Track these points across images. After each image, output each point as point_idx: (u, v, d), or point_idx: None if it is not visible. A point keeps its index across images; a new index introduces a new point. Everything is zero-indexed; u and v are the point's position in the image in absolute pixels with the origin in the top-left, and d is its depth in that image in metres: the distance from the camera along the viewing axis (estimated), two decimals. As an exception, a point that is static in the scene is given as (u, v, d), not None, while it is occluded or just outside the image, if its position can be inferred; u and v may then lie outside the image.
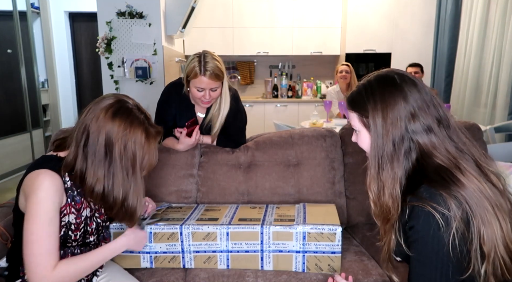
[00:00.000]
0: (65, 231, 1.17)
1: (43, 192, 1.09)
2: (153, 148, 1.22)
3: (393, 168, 0.93)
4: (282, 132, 1.98)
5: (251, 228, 1.40)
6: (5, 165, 4.26)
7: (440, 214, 0.82)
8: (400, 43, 5.01)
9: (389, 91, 0.95)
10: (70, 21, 5.84)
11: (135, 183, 1.17)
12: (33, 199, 1.08)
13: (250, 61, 5.54)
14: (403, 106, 0.92)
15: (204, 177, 1.86)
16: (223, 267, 1.44)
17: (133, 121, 1.16)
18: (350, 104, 1.03)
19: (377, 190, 0.96)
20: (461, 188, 0.84)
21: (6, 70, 4.59)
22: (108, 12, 3.61)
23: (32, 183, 1.10)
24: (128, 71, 3.69)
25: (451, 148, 0.91)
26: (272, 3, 5.12)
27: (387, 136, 0.93)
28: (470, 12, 4.12)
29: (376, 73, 1.01)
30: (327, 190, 1.83)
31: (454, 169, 0.88)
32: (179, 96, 1.88)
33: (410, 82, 0.95)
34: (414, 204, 0.87)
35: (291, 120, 4.94)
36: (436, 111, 0.93)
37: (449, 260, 0.83)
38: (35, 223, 1.07)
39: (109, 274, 1.33)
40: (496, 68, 3.75)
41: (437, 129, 0.92)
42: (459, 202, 0.83)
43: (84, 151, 1.13)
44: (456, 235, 0.81)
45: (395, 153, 0.93)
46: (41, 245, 1.07)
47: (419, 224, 0.86)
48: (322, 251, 1.39)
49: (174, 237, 1.41)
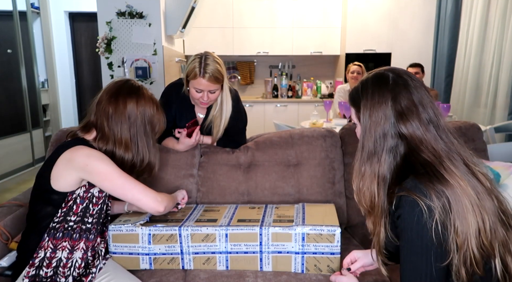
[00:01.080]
0: (87, 203, 1.29)
1: (98, 154, 1.27)
2: (162, 115, 1.46)
3: (372, 164, 0.99)
4: (282, 132, 1.98)
5: (250, 230, 1.40)
6: (5, 165, 4.26)
7: (423, 203, 0.87)
8: (400, 43, 5.01)
9: (379, 90, 0.99)
10: (70, 21, 5.84)
11: (154, 145, 1.42)
12: (95, 164, 1.24)
13: (250, 61, 5.54)
14: (390, 106, 0.97)
15: (204, 177, 1.86)
16: (222, 268, 1.44)
17: (144, 95, 1.41)
18: (349, 99, 1.09)
19: (358, 183, 1.03)
20: (443, 183, 0.89)
21: (6, 70, 4.59)
22: (108, 12, 3.61)
23: (82, 154, 1.25)
24: (128, 71, 3.69)
25: (437, 146, 0.95)
26: (272, 3, 5.12)
27: (370, 133, 0.99)
28: (470, 12, 4.12)
29: (375, 70, 1.05)
30: (327, 190, 1.83)
31: (437, 165, 0.92)
32: (179, 96, 1.87)
33: (402, 82, 0.99)
34: (400, 194, 0.92)
35: (291, 120, 4.94)
36: (426, 111, 0.97)
37: (432, 246, 0.87)
38: (116, 178, 1.27)
39: (111, 274, 1.33)
40: (496, 68, 3.75)
41: (425, 128, 0.96)
42: (439, 194, 0.87)
43: (109, 127, 1.33)
44: (439, 222, 0.86)
45: (376, 150, 0.98)
46: (137, 189, 1.29)
47: (405, 212, 0.90)
48: (321, 252, 1.39)
49: (173, 239, 1.41)
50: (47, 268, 1.24)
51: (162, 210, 1.34)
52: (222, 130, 1.85)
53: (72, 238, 1.27)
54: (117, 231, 1.42)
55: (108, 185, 1.27)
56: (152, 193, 1.33)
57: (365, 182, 1.00)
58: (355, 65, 3.89)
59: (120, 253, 1.44)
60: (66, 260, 1.26)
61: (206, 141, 1.89)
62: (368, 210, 1.02)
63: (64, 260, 1.25)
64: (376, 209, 0.99)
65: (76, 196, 1.27)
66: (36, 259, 1.23)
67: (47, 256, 1.24)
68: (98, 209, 1.32)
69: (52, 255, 1.25)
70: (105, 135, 1.33)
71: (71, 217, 1.27)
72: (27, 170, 4.58)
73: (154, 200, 1.32)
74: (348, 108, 3.56)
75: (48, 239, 1.25)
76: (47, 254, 1.24)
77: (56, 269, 1.25)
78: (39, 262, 1.24)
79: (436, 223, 0.86)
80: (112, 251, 1.44)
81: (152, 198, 1.31)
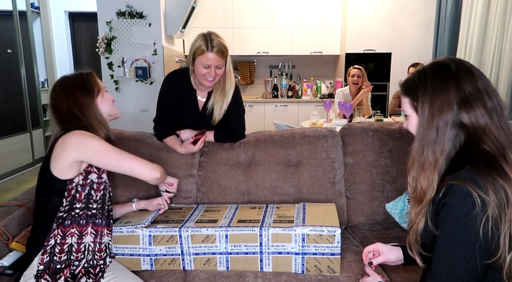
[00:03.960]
0: (89, 190, 1.34)
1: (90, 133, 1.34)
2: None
3: (435, 153, 0.95)
4: (284, 131, 1.97)
5: (250, 230, 1.40)
6: (5, 165, 4.26)
7: (477, 195, 0.84)
8: (400, 43, 5.01)
9: (441, 77, 0.97)
10: (70, 21, 5.84)
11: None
12: (88, 140, 1.31)
13: (250, 61, 5.54)
14: (454, 93, 0.94)
15: (204, 177, 1.86)
16: (223, 269, 1.44)
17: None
18: (403, 89, 1.05)
19: (415, 172, 0.99)
20: (503, 176, 0.86)
21: (6, 70, 4.59)
22: (108, 12, 3.61)
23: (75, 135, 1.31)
24: (128, 71, 3.69)
25: (500, 137, 0.92)
26: (272, 3, 5.12)
27: (431, 122, 0.96)
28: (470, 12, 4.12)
29: (433, 60, 1.03)
30: (327, 190, 1.83)
31: (499, 157, 0.89)
32: (178, 82, 1.89)
33: (465, 69, 0.96)
34: (452, 183, 0.89)
35: (291, 120, 4.94)
36: (490, 100, 0.94)
37: (477, 240, 0.85)
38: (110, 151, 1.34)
39: (115, 273, 1.34)
40: (496, 68, 3.75)
41: (489, 117, 0.93)
42: (497, 189, 0.84)
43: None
44: (490, 218, 0.83)
45: (437, 139, 0.95)
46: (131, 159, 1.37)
47: (454, 201, 0.88)
48: (322, 253, 1.38)
49: (174, 240, 1.41)
50: (60, 253, 1.28)
51: (158, 176, 1.42)
52: (223, 113, 1.86)
53: (79, 224, 1.32)
54: (118, 232, 1.42)
55: (104, 159, 1.33)
56: (146, 162, 1.41)
57: (426, 172, 0.96)
58: (355, 68, 3.87)
59: (121, 254, 1.44)
60: (78, 245, 1.31)
61: (208, 138, 1.88)
62: (420, 199, 0.98)
63: (75, 245, 1.30)
64: (426, 199, 0.96)
65: (77, 185, 1.32)
66: (47, 247, 1.28)
67: (57, 242, 1.29)
68: (101, 195, 1.38)
69: (63, 241, 1.29)
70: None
71: (77, 204, 1.32)
72: (27, 170, 4.58)
73: (150, 168, 1.40)
74: (348, 108, 3.56)
75: (57, 227, 1.29)
76: (58, 241, 1.29)
77: (69, 254, 1.29)
78: (51, 249, 1.28)
79: (487, 218, 0.83)
80: (113, 252, 1.44)
81: (147, 166, 1.39)
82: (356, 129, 1.92)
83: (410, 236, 1.03)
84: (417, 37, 4.98)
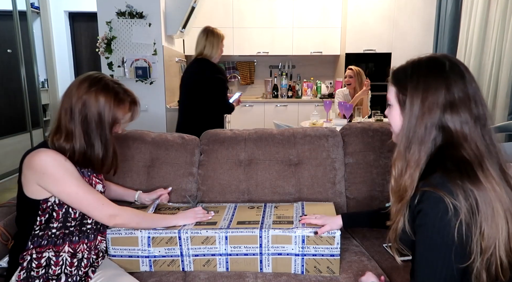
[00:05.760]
0: (66, 208, 1.27)
1: (54, 160, 1.21)
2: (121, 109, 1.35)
3: (420, 151, 0.95)
4: (285, 130, 1.97)
5: (250, 232, 1.39)
6: (5, 165, 4.25)
7: (449, 201, 0.84)
8: (400, 43, 5.00)
9: (434, 75, 0.95)
10: (70, 21, 5.84)
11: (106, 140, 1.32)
12: (49, 169, 1.20)
13: (250, 61, 5.53)
14: (443, 94, 0.92)
15: (204, 175, 1.86)
16: (223, 269, 1.44)
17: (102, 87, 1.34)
18: (393, 77, 1.03)
19: (400, 167, 0.98)
20: (475, 183, 0.86)
21: (6, 70, 4.59)
22: (108, 12, 3.61)
23: (38, 161, 1.21)
24: (128, 71, 3.68)
25: (480, 146, 0.92)
26: (272, 3, 5.12)
27: (421, 119, 0.94)
28: (470, 12, 4.11)
29: (429, 54, 1.01)
30: (327, 190, 1.83)
31: (476, 165, 0.89)
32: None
33: (458, 72, 0.95)
34: (425, 189, 0.89)
35: (291, 120, 4.94)
36: (477, 108, 0.93)
37: (453, 244, 0.85)
38: (66, 185, 1.21)
39: (103, 273, 1.32)
40: (496, 68, 3.75)
41: (472, 124, 0.92)
42: (467, 194, 0.84)
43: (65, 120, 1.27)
44: (463, 222, 0.83)
45: (425, 138, 0.94)
46: (88, 199, 1.24)
47: (429, 207, 0.88)
48: (321, 254, 1.38)
49: (173, 242, 1.41)
50: (37, 268, 1.24)
51: (112, 225, 1.34)
52: None
53: (55, 244, 1.27)
54: (116, 234, 1.41)
55: (56, 191, 1.23)
56: (106, 208, 1.29)
57: (410, 168, 0.95)
58: (349, 69, 3.89)
59: (119, 256, 1.43)
60: (56, 258, 1.26)
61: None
62: (401, 196, 0.98)
63: (53, 258, 1.26)
64: (406, 197, 0.96)
65: (52, 204, 1.25)
66: (24, 263, 1.23)
67: (33, 257, 1.24)
68: (81, 212, 1.30)
69: (39, 256, 1.25)
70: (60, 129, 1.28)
71: (54, 223, 1.26)
72: (27, 170, 4.57)
73: (106, 216, 1.29)
74: (348, 108, 3.56)
75: (33, 247, 1.25)
76: (34, 256, 1.25)
77: (47, 268, 1.25)
78: (28, 264, 1.24)
79: (460, 223, 0.84)
80: (112, 254, 1.43)
81: (102, 213, 1.29)
82: (356, 129, 1.92)
83: (389, 234, 1.03)
84: (417, 37, 4.97)
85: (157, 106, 3.83)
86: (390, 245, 1.08)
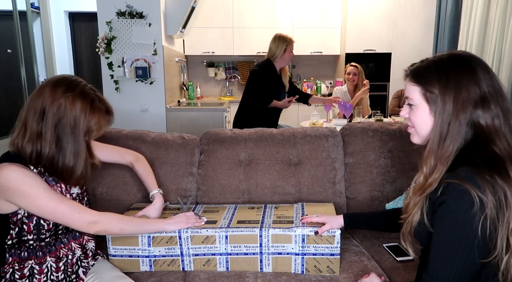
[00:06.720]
0: (37, 220, 1.20)
1: (18, 174, 1.14)
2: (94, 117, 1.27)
3: (452, 147, 0.94)
4: (285, 130, 1.97)
5: (250, 231, 1.39)
6: (5, 165, 4.25)
7: (476, 194, 0.83)
8: (400, 43, 5.00)
9: (464, 72, 0.94)
10: (70, 21, 5.83)
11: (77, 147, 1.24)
12: (12, 185, 1.12)
13: (250, 61, 5.53)
14: (475, 90, 0.92)
15: (204, 175, 1.86)
16: (223, 269, 1.44)
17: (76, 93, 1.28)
18: (415, 76, 1.01)
19: (433, 165, 0.96)
20: (506, 180, 0.85)
21: (6, 70, 4.59)
22: (108, 12, 3.61)
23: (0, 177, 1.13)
24: (128, 71, 3.69)
25: (510, 141, 0.91)
26: (272, 3, 5.12)
27: (456, 117, 0.93)
28: (470, 12, 4.11)
29: (449, 51, 1.00)
30: (327, 190, 1.83)
31: (507, 161, 0.88)
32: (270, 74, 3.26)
33: (484, 67, 0.94)
34: (449, 181, 0.88)
35: (291, 120, 4.94)
36: (504, 102, 0.93)
37: (475, 238, 0.84)
38: (35, 198, 1.14)
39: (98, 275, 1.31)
40: (496, 68, 3.74)
41: (504, 118, 0.92)
42: (495, 190, 0.84)
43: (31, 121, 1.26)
44: (488, 217, 0.83)
45: (458, 134, 0.93)
46: (61, 209, 1.17)
47: (453, 200, 0.87)
48: (321, 253, 1.38)
49: (173, 241, 1.41)
50: (20, 279, 1.21)
51: (93, 232, 1.26)
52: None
53: (37, 256, 1.24)
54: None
55: (25, 205, 1.16)
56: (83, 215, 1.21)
57: (442, 165, 0.94)
58: (352, 66, 3.86)
59: (120, 256, 1.43)
60: (40, 266, 1.23)
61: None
62: (424, 189, 0.96)
63: (36, 266, 1.23)
64: (428, 191, 0.95)
65: (22, 217, 1.19)
66: (6, 275, 1.21)
67: (16, 268, 1.22)
68: (54, 223, 1.24)
69: (21, 266, 1.22)
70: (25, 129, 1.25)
71: (28, 236, 1.21)
72: (27, 170, 4.57)
73: (85, 224, 1.22)
74: (348, 108, 3.56)
75: (12, 260, 1.22)
76: (16, 267, 1.22)
77: (31, 277, 1.22)
78: (11, 276, 1.21)
79: (485, 217, 0.83)
80: (112, 254, 1.43)
81: (80, 222, 1.21)
82: (356, 129, 1.92)
83: (404, 227, 1.03)
84: (417, 37, 4.97)
85: (157, 106, 3.83)
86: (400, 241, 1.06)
